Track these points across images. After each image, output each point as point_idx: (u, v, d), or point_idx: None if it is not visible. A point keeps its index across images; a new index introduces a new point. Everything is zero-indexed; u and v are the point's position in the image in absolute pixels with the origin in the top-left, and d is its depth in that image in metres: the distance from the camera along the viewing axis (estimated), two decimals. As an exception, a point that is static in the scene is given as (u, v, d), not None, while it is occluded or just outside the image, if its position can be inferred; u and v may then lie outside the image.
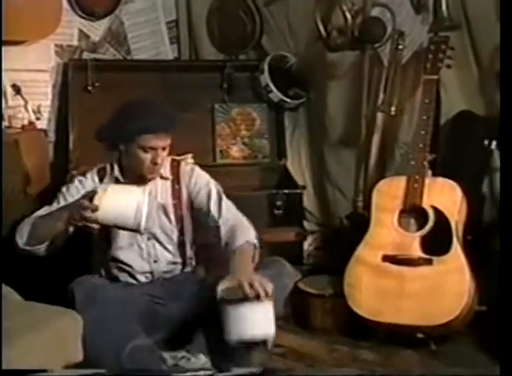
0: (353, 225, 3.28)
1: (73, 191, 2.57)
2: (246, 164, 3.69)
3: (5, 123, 3.17)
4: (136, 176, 2.57)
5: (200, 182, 2.65)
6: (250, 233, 2.53)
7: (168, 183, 2.64)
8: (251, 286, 2.20)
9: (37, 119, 3.28)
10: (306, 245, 3.54)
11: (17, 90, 3.21)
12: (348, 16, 3.07)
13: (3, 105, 3.17)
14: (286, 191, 3.38)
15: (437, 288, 2.66)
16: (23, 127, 3.20)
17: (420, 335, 2.70)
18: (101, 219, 2.28)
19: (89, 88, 3.39)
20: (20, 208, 2.96)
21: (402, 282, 2.73)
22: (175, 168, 2.67)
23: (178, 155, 2.78)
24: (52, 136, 3.45)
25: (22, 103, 3.21)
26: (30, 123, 3.23)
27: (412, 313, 2.67)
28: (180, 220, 2.65)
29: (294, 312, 3.06)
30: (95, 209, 2.25)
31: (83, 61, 3.44)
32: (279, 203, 3.34)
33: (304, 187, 3.50)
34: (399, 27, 3.04)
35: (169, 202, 2.63)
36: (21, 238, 2.46)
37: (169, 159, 2.65)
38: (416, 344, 2.72)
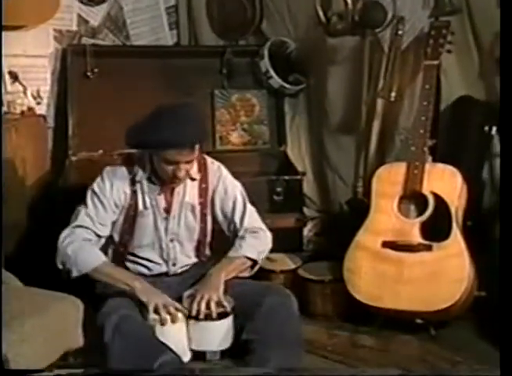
0: (353, 212, 3.28)
1: (108, 193, 2.50)
2: (245, 150, 3.68)
3: (4, 109, 3.15)
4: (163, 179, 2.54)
5: (228, 188, 2.63)
6: (258, 247, 2.58)
7: (196, 182, 2.61)
8: (208, 304, 2.33)
9: (38, 103, 3.28)
10: (306, 231, 3.54)
11: (14, 77, 3.19)
12: (349, 0, 3.04)
13: (2, 90, 3.16)
14: (286, 177, 3.38)
15: (436, 274, 2.67)
16: (22, 113, 3.18)
17: (419, 321, 2.72)
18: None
19: (88, 73, 3.36)
20: (19, 194, 2.97)
21: (402, 268, 2.74)
22: (202, 166, 2.62)
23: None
24: (51, 122, 3.44)
25: (21, 88, 3.20)
26: (30, 109, 3.22)
27: (412, 299, 2.68)
28: (204, 219, 2.63)
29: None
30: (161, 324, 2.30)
31: (82, 46, 3.42)
32: (278, 189, 3.34)
33: (304, 173, 3.50)
34: (400, 11, 3.02)
35: (196, 201, 2.60)
36: (77, 271, 2.39)
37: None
38: (415, 329, 2.73)
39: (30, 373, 1.74)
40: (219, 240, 2.71)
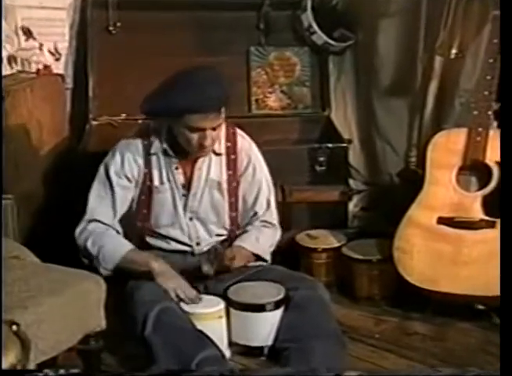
0: (405, 184, 3.27)
1: (119, 168, 2.55)
2: (284, 114, 3.66)
3: (17, 67, 3.17)
4: (185, 152, 2.55)
5: (257, 173, 2.69)
6: (267, 245, 2.72)
7: (223, 157, 2.63)
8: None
9: (57, 60, 3.30)
10: (351, 206, 3.53)
11: (28, 33, 3.20)
12: None
13: (15, 46, 3.16)
14: (329, 145, 3.36)
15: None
16: (37, 71, 3.20)
17: (479, 306, 2.69)
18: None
19: (110, 28, 3.36)
20: (34, 161, 2.99)
21: (460, 247, 2.71)
22: (231, 136, 2.64)
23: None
24: (69, 82, 3.45)
25: (36, 44, 3.21)
26: (46, 67, 3.23)
27: (472, 282, 2.65)
28: (233, 193, 2.67)
29: (338, 280, 3.08)
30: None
31: (104, -3, 3.41)
32: (321, 158, 3.32)
33: (350, 141, 3.47)
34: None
35: (223, 177, 2.63)
36: (105, 270, 2.49)
37: (224, 128, 2.58)
38: (475, 316, 2.70)
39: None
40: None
